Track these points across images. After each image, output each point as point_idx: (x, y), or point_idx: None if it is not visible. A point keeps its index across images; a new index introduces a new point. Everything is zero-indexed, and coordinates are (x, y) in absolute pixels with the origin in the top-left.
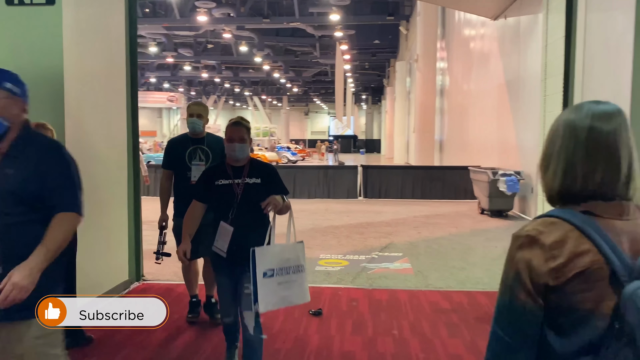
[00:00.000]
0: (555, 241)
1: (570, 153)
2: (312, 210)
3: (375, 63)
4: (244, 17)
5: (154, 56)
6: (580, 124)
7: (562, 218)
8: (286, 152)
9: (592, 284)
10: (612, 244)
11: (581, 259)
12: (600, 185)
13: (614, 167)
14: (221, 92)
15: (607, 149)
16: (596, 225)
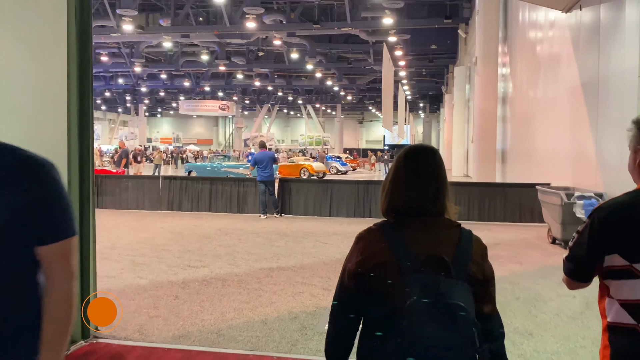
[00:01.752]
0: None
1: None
2: (348, 233)
3: (433, 69)
4: (294, 23)
5: (207, 65)
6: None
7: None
8: (335, 162)
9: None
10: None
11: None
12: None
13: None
14: (274, 101)
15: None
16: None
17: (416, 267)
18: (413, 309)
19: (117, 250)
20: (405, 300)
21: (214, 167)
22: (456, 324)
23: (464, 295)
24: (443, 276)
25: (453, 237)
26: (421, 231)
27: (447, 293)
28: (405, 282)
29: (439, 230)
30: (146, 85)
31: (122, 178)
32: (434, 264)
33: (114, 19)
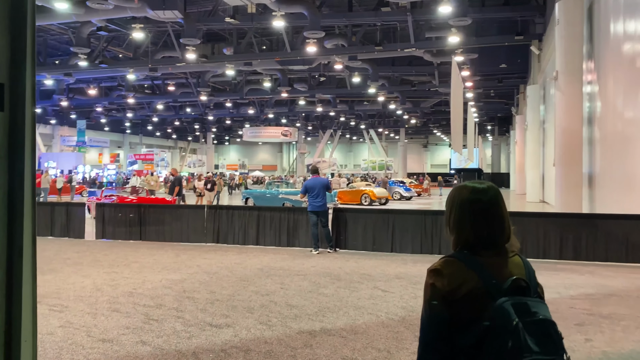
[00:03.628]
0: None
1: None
2: (413, 277)
3: (502, 90)
4: (355, 46)
5: (270, 92)
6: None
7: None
8: (399, 187)
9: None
10: (487, 272)
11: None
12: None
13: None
14: (337, 126)
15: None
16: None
17: (503, 291)
18: (516, 330)
19: (135, 297)
20: (505, 322)
21: (272, 194)
22: (551, 338)
23: (548, 311)
24: (526, 297)
25: (519, 263)
26: (495, 258)
27: (538, 312)
28: (498, 306)
29: (508, 257)
30: (213, 114)
31: (165, 208)
32: (516, 287)
33: (179, 49)
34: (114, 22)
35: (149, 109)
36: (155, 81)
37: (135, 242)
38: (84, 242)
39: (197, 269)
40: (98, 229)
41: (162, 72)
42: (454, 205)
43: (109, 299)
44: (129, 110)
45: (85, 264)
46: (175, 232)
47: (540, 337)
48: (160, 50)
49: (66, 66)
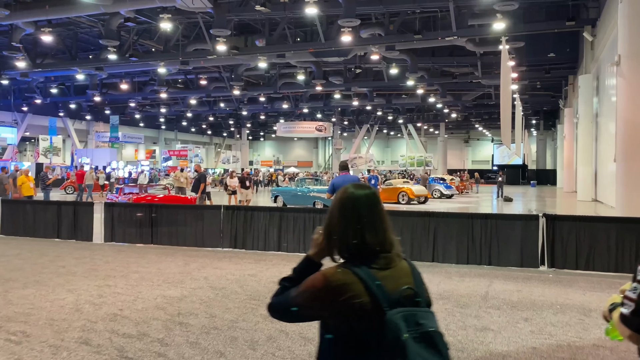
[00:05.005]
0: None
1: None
2: (461, 297)
3: (549, 81)
4: (393, 35)
5: (304, 86)
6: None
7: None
8: (439, 184)
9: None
10: (377, 284)
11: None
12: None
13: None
14: (374, 121)
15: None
16: (366, 271)
17: (393, 304)
18: (405, 345)
19: (116, 323)
20: (394, 337)
21: (303, 192)
22: (439, 350)
23: (435, 321)
24: (416, 308)
25: (407, 270)
26: (385, 268)
27: (425, 323)
28: (389, 320)
29: (396, 264)
30: (247, 109)
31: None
32: (405, 297)
33: (209, 41)
34: (143, 14)
35: (183, 105)
36: (189, 76)
37: (144, 247)
38: (89, 245)
39: (204, 282)
40: (107, 231)
41: (194, 66)
42: (337, 213)
43: (85, 324)
44: (163, 105)
45: (79, 273)
46: (189, 236)
47: (428, 349)
48: (191, 43)
49: (97, 60)
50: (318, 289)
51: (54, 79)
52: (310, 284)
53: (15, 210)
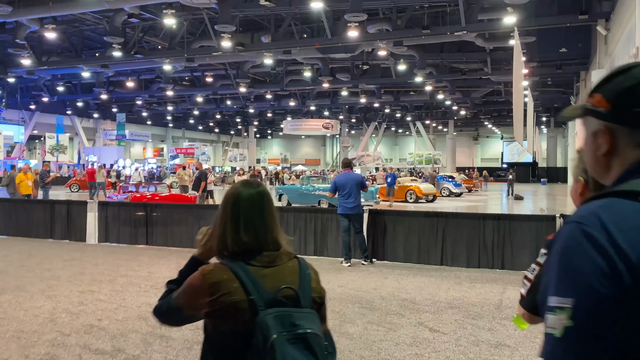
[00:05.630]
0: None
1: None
2: (472, 306)
3: (560, 78)
4: (401, 30)
5: (311, 83)
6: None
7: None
8: (447, 182)
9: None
10: (254, 282)
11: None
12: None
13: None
14: (382, 118)
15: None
16: (244, 269)
17: (269, 303)
18: (273, 346)
19: (92, 336)
20: (264, 338)
21: (308, 191)
22: (313, 350)
23: (314, 323)
24: (294, 308)
25: (294, 268)
26: (267, 266)
27: (301, 324)
28: (260, 320)
29: (282, 263)
30: (254, 106)
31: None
32: (284, 297)
33: (215, 37)
34: (148, 10)
35: (190, 102)
36: (195, 73)
37: (139, 248)
38: (82, 246)
39: None
40: (101, 231)
41: (200, 63)
42: (220, 210)
43: (56, 337)
44: (169, 103)
45: (63, 278)
46: (185, 237)
47: (302, 351)
48: (197, 40)
49: (102, 57)
50: (195, 287)
51: (61, 77)
52: (189, 283)
53: (8, 209)
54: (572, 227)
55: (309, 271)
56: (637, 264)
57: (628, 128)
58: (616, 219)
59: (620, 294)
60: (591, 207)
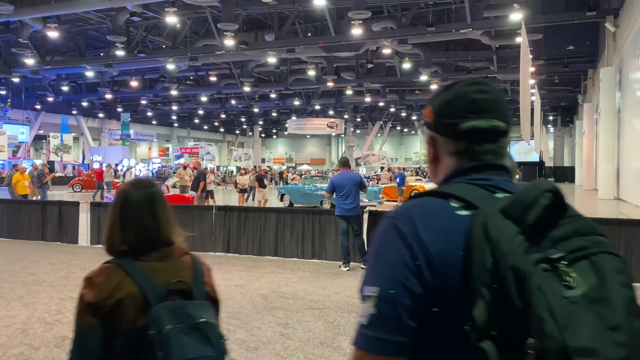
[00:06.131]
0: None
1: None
2: None
3: (567, 76)
4: (405, 28)
5: (316, 82)
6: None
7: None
8: None
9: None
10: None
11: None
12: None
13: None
14: (387, 118)
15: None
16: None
17: (162, 297)
18: (167, 337)
19: (62, 349)
20: (158, 330)
21: (311, 190)
22: (209, 339)
23: (210, 313)
24: (188, 300)
25: (188, 263)
26: (158, 261)
27: (196, 314)
28: (153, 313)
29: (174, 258)
30: (259, 106)
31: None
32: (178, 290)
33: (218, 36)
34: (151, 9)
35: (195, 102)
36: (199, 72)
37: None
38: (73, 249)
39: None
40: (93, 233)
41: (204, 63)
42: (111, 210)
43: (23, 351)
44: (174, 103)
45: (46, 283)
46: None
47: (198, 341)
48: (200, 39)
49: (105, 57)
50: (85, 294)
51: (65, 76)
52: (80, 295)
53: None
54: (387, 222)
55: (203, 267)
56: (436, 257)
57: (444, 138)
58: (423, 215)
59: (420, 284)
60: (407, 205)
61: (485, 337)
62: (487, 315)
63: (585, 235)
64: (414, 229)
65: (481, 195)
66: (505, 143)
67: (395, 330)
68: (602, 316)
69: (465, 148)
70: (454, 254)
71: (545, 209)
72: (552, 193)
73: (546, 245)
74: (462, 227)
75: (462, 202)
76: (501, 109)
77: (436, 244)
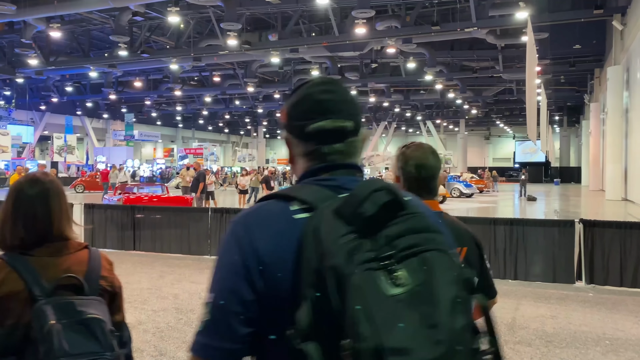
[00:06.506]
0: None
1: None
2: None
3: (573, 75)
4: (410, 27)
5: None
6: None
7: None
8: (458, 183)
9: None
10: (33, 272)
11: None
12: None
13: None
14: (392, 118)
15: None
16: (22, 260)
17: (49, 293)
18: (49, 332)
19: None
20: (40, 326)
21: None
22: (96, 336)
23: (99, 309)
24: (77, 296)
25: (83, 258)
26: (49, 256)
27: (83, 310)
28: (37, 308)
29: (68, 253)
30: (263, 106)
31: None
32: (67, 286)
33: (221, 36)
34: (154, 9)
35: (199, 102)
36: (203, 73)
37: (124, 254)
38: None
39: (171, 301)
40: (86, 235)
41: (208, 63)
42: (4, 204)
43: None
44: (178, 103)
45: None
46: (174, 241)
47: (84, 336)
48: (204, 39)
49: (109, 57)
50: None
51: (69, 77)
52: None
53: None
54: (230, 227)
55: (101, 261)
56: (268, 263)
57: (296, 140)
58: (260, 220)
59: (251, 290)
60: (249, 209)
61: (309, 340)
62: (311, 318)
63: (419, 232)
64: (249, 235)
65: (323, 196)
66: (355, 142)
67: (227, 338)
68: (424, 314)
69: (314, 149)
70: (286, 258)
71: (381, 208)
72: (385, 191)
73: (381, 243)
74: (298, 230)
75: (304, 204)
76: (348, 108)
77: (269, 249)
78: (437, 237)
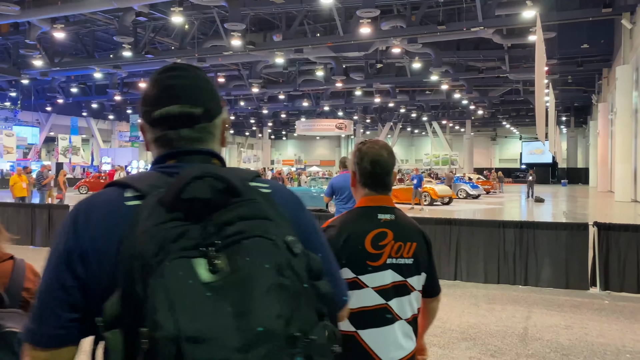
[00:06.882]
0: None
1: None
2: (489, 335)
3: (581, 75)
4: (415, 27)
5: (324, 83)
6: None
7: None
8: (464, 184)
9: None
10: None
11: None
12: None
13: None
14: (397, 119)
15: None
16: None
17: None
18: None
19: None
20: None
21: (317, 192)
22: (13, 350)
23: (19, 322)
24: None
25: (6, 269)
26: None
27: (2, 324)
28: None
29: None
30: (268, 107)
31: None
32: None
33: (225, 37)
34: (158, 9)
35: None
36: (208, 74)
37: None
38: None
39: None
40: None
41: (212, 64)
42: None
43: None
44: None
45: None
46: None
47: (1, 351)
48: (208, 40)
49: (114, 58)
50: None
51: (74, 78)
52: None
53: None
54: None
55: (25, 272)
56: (91, 250)
57: (148, 126)
58: (91, 207)
59: (72, 277)
60: (88, 196)
61: (115, 327)
62: (118, 307)
63: (248, 219)
64: (77, 221)
65: (159, 183)
66: (208, 128)
67: (51, 323)
68: (235, 302)
69: (161, 135)
70: (110, 245)
71: (214, 194)
72: (213, 178)
73: (210, 231)
74: (128, 218)
75: (137, 192)
76: (197, 94)
77: (92, 235)
78: (267, 224)
